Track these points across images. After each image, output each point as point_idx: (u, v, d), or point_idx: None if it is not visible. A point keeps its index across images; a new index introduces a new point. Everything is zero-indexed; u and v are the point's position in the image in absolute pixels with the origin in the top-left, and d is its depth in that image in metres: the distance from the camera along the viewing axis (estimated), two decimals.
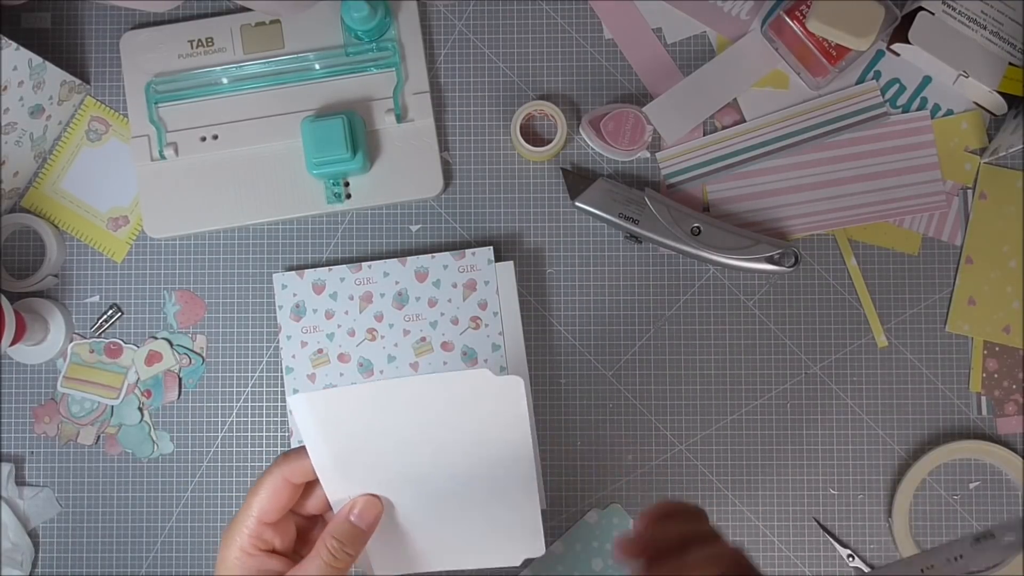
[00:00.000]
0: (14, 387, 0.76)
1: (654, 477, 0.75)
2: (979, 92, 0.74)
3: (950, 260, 0.75)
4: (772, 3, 0.76)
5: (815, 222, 0.75)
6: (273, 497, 0.51)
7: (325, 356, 0.74)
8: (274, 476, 0.52)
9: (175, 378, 0.76)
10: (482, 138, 0.77)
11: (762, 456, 0.75)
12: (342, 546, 0.51)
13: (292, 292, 0.75)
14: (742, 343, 0.75)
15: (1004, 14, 0.73)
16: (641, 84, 0.77)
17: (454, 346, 0.74)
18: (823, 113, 0.76)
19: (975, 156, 0.76)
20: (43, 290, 0.77)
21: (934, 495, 0.74)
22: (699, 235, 0.73)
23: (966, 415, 0.75)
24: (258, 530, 0.51)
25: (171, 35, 0.76)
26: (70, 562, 0.76)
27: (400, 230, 0.77)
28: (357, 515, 0.52)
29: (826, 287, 0.76)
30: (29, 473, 0.76)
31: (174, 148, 0.75)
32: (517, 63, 0.77)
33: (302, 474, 0.52)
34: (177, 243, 0.77)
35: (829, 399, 0.75)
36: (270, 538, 0.52)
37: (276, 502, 0.52)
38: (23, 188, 0.77)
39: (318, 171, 0.73)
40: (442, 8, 0.77)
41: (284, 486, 0.52)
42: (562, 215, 0.76)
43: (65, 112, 0.77)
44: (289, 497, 0.52)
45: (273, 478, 0.52)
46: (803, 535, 0.74)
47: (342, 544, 0.51)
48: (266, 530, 0.52)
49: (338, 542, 0.51)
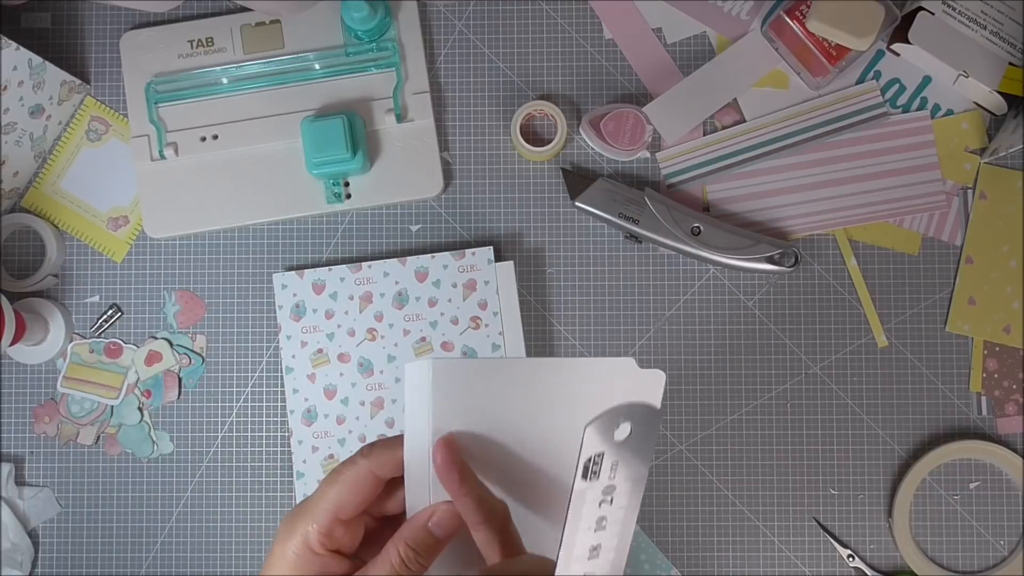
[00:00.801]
0: (14, 387, 0.76)
1: (654, 477, 0.75)
2: (979, 92, 0.74)
3: (950, 260, 0.75)
4: (772, 3, 0.76)
5: (815, 222, 0.75)
6: (355, 491, 0.45)
7: (325, 356, 0.74)
8: (359, 467, 0.45)
9: (175, 378, 0.76)
10: (482, 138, 0.77)
11: (762, 456, 0.75)
12: (416, 555, 0.45)
13: (292, 292, 0.75)
14: (742, 343, 0.75)
15: (1004, 14, 0.73)
16: (641, 84, 0.77)
17: (454, 346, 0.74)
18: (823, 113, 0.76)
19: (975, 156, 0.76)
20: (43, 290, 0.77)
21: (934, 495, 0.74)
22: (699, 235, 0.73)
23: (966, 415, 0.75)
24: (330, 526, 0.45)
25: (171, 35, 0.76)
26: (70, 562, 0.76)
27: (400, 230, 0.77)
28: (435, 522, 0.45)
29: (826, 287, 0.76)
30: (29, 473, 0.76)
31: (174, 148, 0.75)
32: (517, 63, 0.77)
33: (392, 468, 0.46)
34: (177, 243, 0.77)
35: (829, 399, 0.75)
36: (340, 536, 0.46)
37: (357, 497, 0.45)
38: (23, 188, 0.77)
39: (318, 171, 0.73)
40: (442, 8, 0.77)
41: (368, 480, 0.45)
42: (562, 215, 0.76)
43: (65, 112, 0.77)
44: (371, 492, 0.46)
45: (358, 469, 0.45)
46: (803, 535, 0.74)
47: (416, 553, 0.45)
48: (338, 527, 0.45)
49: (412, 551, 0.45)
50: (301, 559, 0.45)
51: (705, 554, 0.74)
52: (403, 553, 0.44)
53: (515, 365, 0.45)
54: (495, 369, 0.45)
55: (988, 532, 0.74)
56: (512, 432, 0.46)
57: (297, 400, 0.74)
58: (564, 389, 0.45)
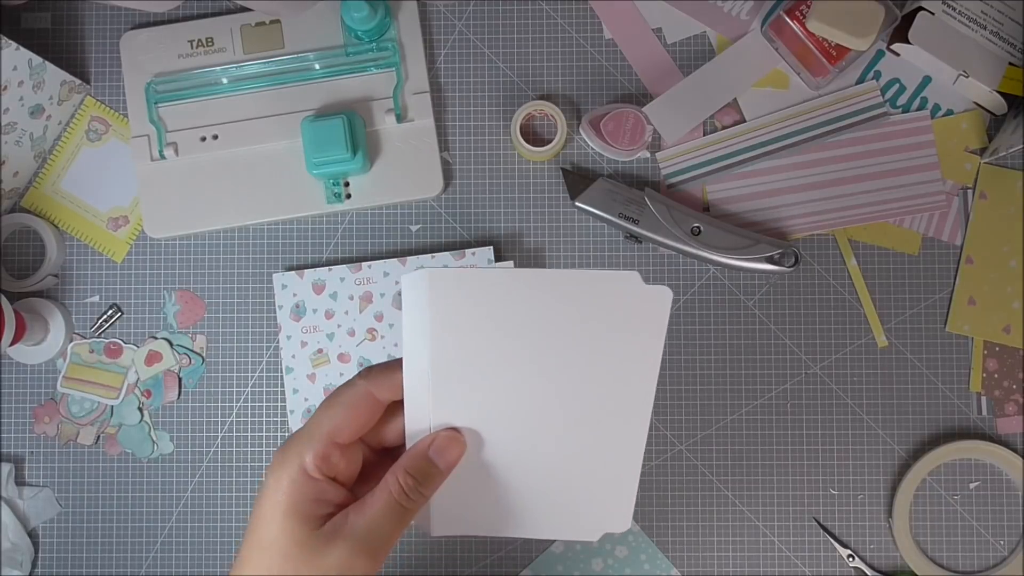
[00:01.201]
0: (14, 387, 0.76)
1: (654, 477, 0.75)
2: (979, 92, 0.74)
3: (950, 260, 0.75)
4: (772, 3, 0.76)
5: (815, 222, 0.75)
6: (352, 413, 0.44)
7: (325, 356, 0.74)
8: (357, 388, 0.44)
9: (175, 378, 0.76)
10: (482, 138, 0.77)
11: (762, 456, 0.75)
12: (416, 484, 0.43)
13: (292, 292, 0.75)
14: (742, 343, 0.75)
15: (1004, 14, 0.73)
16: (641, 84, 0.77)
17: None
18: (823, 113, 0.76)
19: (975, 156, 0.76)
20: (43, 290, 0.77)
21: (934, 495, 0.74)
22: (699, 235, 0.73)
23: (966, 415, 0.75)
24: (327, 450, 0.43)
25: (171, 35, 0.76)
26: (70, 562, 0.76)
27: (400, 230, 0.77)
28: (436, 450, 0.44)
29: (826, 287, 0.76)
30: (29, 473, 0.76)
31: (174, 148, 0.75)
32: (517, 63, 0.77)
33: (390, 391, 0.44)
34: (177, 243, 0.77)
35: (829, 399, 0.75)
36: (337, 462, 0.44)
37: (355, 420, 0.44)
38: (23, 188, 0.77)
39: (318, 171, 0.73)
40: (442, 8, 0.77)
41: (367, 401, 0.44)
42: (562, 215, 0.76)
43: (65, 112, 0.77)
44: (369, 416, 0.44)
45: (355, 390, 0.44)
46: (803, 535, 0.74)
47: (416, 482, 0.43)
48: (335, 451, 0.44)
49: (413, 479, 0.43)
50: (297, 484, 0.43)
51: (705, 554, 0.74)
52: (403, 482, 0.43)
53: (516, 275, 0.43)
54: (494, 280, 0.43)
55: (988, 532, 0.74)
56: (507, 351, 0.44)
57: (297, 400, 0.74)
58: (565, 301, 0.43)
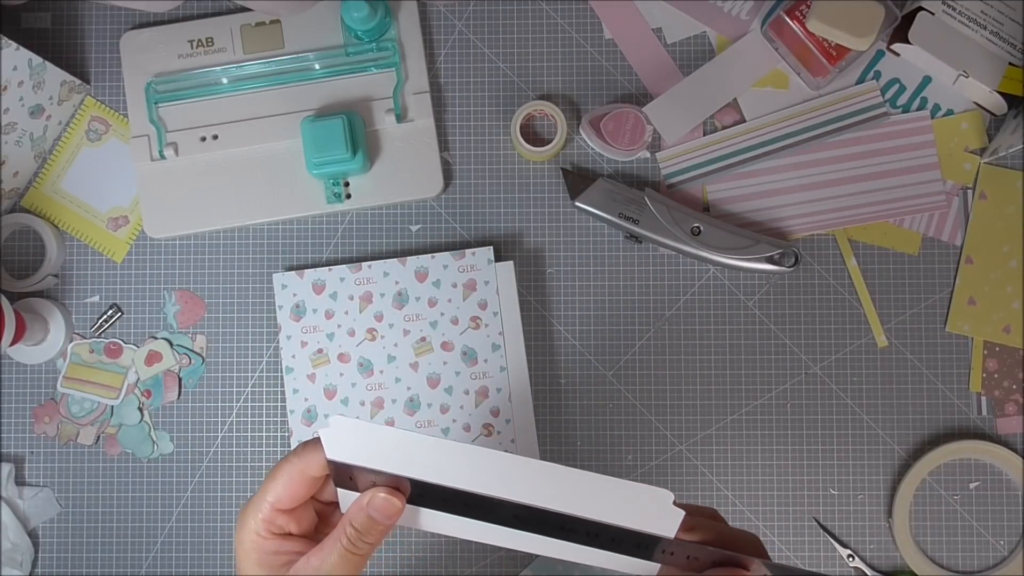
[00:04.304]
0: (14, 387, 0.76)
1: (654, 477, 0.75)
2: (979, 92, 0.74)
3: (950, 260, 0.75)
4: (772, 3, 0.76)
5: (815, 222, 0.75)
6: (289, 487, 0.49)
7: (325, 356, 0.74)
8: (291, 466, 0.49)
9: (175, 378, 0.76)
10: (482, 138, 0.77)
11: (762, 456, 0.75)
12: (360, 536, 0.48)
13: (292, 292, 0.75)
14: (742, 343, 0.75)
15: (1004, 14, 0.73)
16: (641, 84, 0.77)
17: (454, 346, 0.74)
18: (823, 113, 0.76)
19: (975, 156, 0.76)
20: (43, 290, 0.77)
21: (934, 495, 0.74)
22: (699, 235, 0.73)
23: (966, 415, 0.75)
24: (271, 516, 0.49)
25: (171, 35, 0.76)
26: (70, 562, 0.76)
27: (400, 230, 0.77)
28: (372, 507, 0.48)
29: (826, 287, 0.76)
30: (29, 473, 0.76)
31: (174, 148, 0.75)
32: (517, 63, 0.77)
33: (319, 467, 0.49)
34: (177, 243, 0.77)
35: (829, 399, 0.75)
36: (284, 523, 0.50)
37: (291, 492, 0.49)
38: (23, 188, 0.77)
39: (318, 171, 0.73)
40: (442, 8, 0.77)
41: (302, 477, 0.49)
42: (562, 215, 0.76)
43: (65, 112, 0.77)
44: (307, 488, 0.50)
45: (290, 468, 0.49)
46: (803, 535, 0.74)
47: (360, 534, 0.48)
48: (280, 516, 0.50)
49: (356, 532, 0.48)
50: (255, 545, 0.49)
51: None
52: (349, 534, 0.48)
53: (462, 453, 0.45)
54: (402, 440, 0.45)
55: (988, 532, 0.74)
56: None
57: (297, 400, 0.74)
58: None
